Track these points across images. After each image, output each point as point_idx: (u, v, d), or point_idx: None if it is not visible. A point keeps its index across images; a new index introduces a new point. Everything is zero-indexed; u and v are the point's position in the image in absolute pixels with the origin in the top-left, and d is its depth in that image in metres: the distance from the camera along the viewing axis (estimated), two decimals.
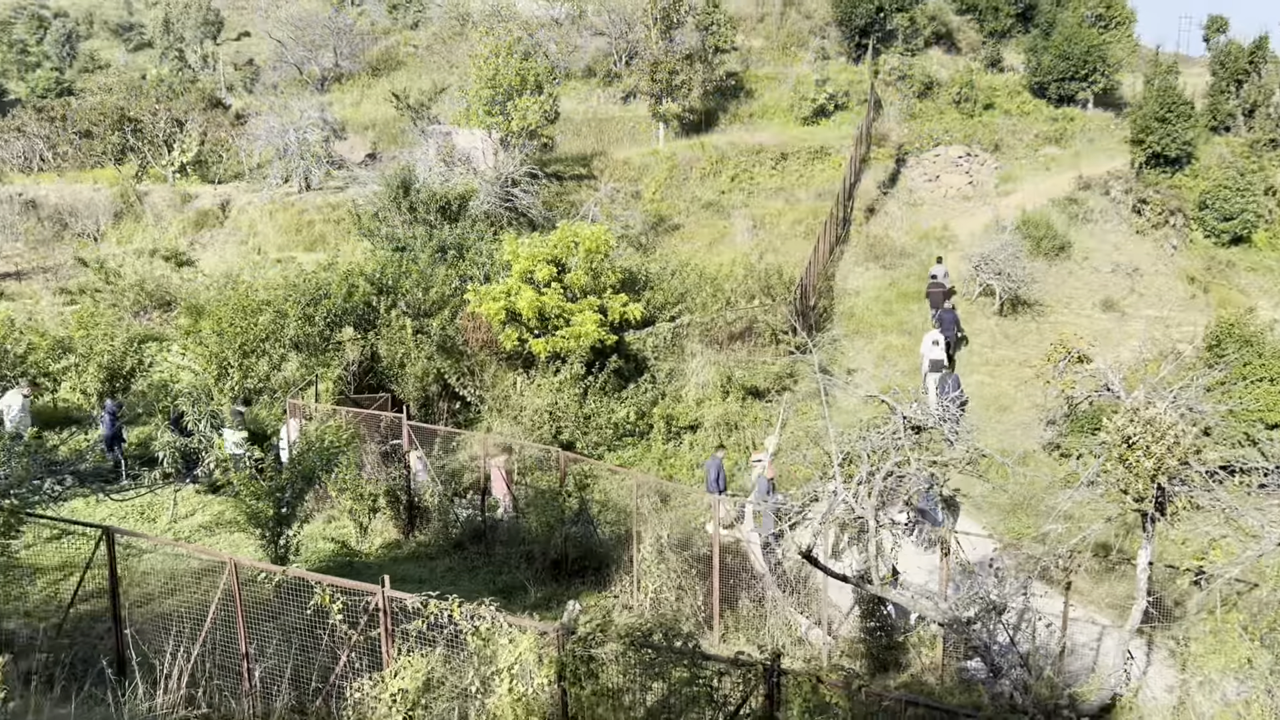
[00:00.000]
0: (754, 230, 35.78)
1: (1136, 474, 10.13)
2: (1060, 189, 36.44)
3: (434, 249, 26.89)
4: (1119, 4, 47.96)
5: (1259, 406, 21.03)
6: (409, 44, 54.03)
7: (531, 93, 34.63)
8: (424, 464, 19.73)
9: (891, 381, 14.92)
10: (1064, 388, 18.31)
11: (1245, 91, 41.33)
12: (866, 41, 47.52)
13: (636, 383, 24.18)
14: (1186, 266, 32.87)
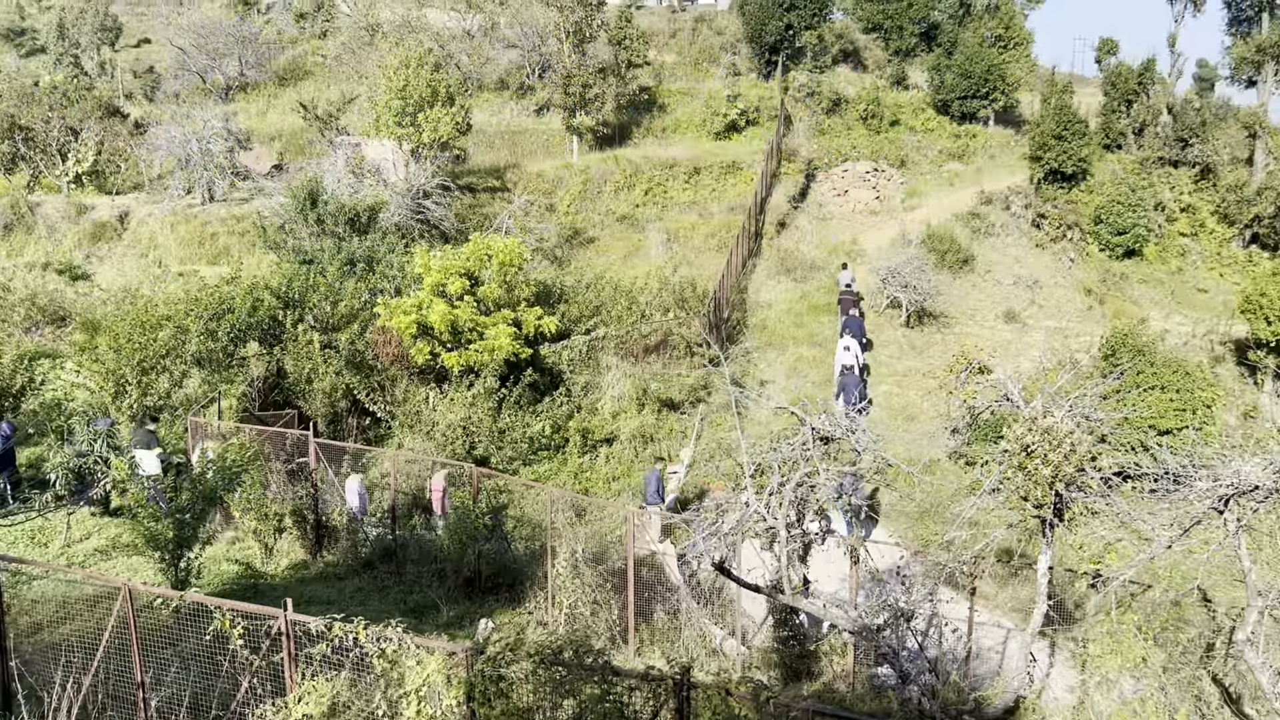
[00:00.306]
0: (668, 244, 36.01)
1: (1035, 481, 10.43)
2: (963, 204, 37.52)
3: (343, 262, 26.39)
4: (1017, 25, 49.67)
5: (1151, 414, 21.91)
6: (317, 53, 53.08)
7: (443, 104, 34.31)
8: (361, 491, 19.25)
9: (802, 393, 15.14)
10: (966, 398, 18.81)
11: (1135, 111, 43.16)
12: (776, 58, 48.32)
13: (552, 396, 24.08)
14: (1083, 279, 34.11)
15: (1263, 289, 27.69)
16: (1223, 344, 30.04)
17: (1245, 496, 10.09)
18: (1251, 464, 10.02)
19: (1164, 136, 41.68)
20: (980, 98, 44.64)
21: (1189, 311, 33.30)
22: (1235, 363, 29.37)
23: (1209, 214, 40.18)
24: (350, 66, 47.32)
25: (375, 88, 36.67)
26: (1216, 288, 36.57)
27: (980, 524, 14.01)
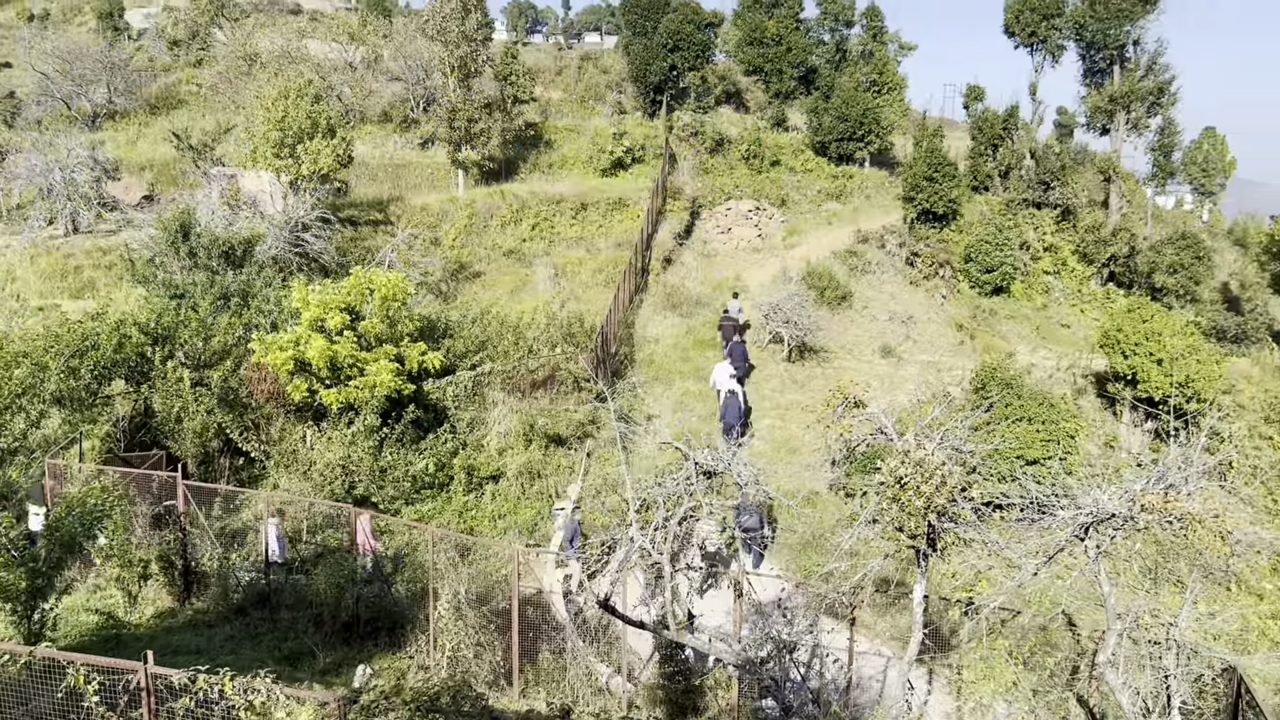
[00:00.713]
0: (555, 278, 36.00)
1: (909, 512, 10.71)
2: (842, 242, 38.66)
3: (216, 296, 25.48)
4: (890, 71, 51.78)
5: (1019, 444, 22.82)
6: (192, 82, 51.54)
7: (324, 136, 33.68)
8: (279, 534, 18.41)
9: (688, 427, 15.24)
10: (842, 432, 19.25)
11: (1001, 155, 45.36)
12: (661, 98, 49.13)
13: (436, 433, 23.63)
14: (955, 315, 35.45)
15: (1119, 325, 29.24)
16: (1084, 377, 31.57)
17: (1103, 524, 10.57)
18: (1109, 493, 10.50)
19: (1028, 179, 43.90)
20: (856, 140, 46.22)
21: (1053, 346, 34.93)
22: (1096, 395, 30.88)
23: (1070, 253, 42.42)
24: (227, 96, 46.09)
25: (253, 118, 35.77)
26: (1078, 323, 38.51)
27: (859, 554, 14.32)
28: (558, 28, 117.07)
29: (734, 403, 25.33)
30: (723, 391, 26.13)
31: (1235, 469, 26.04)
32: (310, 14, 69.20)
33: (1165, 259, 39.79)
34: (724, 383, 26.35)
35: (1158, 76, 44.47)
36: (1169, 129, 49.93)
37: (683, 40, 48.09)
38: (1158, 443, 28.15)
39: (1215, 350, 30.18)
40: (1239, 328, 38.31)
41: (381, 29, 55.45)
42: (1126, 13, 43.11)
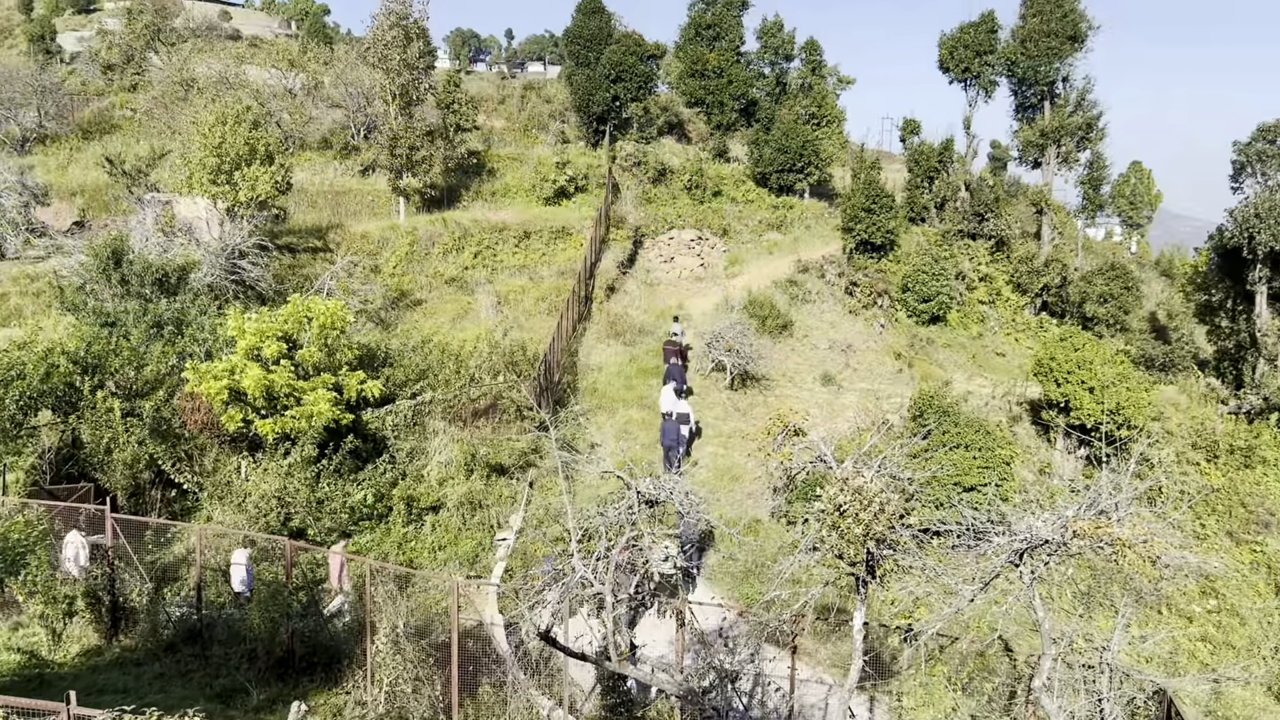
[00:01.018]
0: (498, 307, 35.85)
1: (849, 540, 10.80)
2: (782, 271, 39.08)
3: (149, 324, 24.93)
4: (830, 105, 52.71)
5: (956, 471, 23.15)
6: (126, 107, 50.63)
7: (262, 162, 33.27)
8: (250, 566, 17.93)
9: (631, 455, 15.19)
10: (783, 460, 19.37)
11: (937, 187, 46.34)
12: (604, 128, 49.42)
13: (375, 463, 23.29)
14: (893, 343, 35.96)
15: (1052, 353, 29.88)
16: (1019, 404, 32.15)
17: (1037, 550, 10.74)
18: (1042, 519, 10.68)
19: (963, 211, 44.87)
20: (796, 171, 46.90)
21: (989, 374, 35.55)
22: (1031, 422, 31.46)
23: (1004, 283, 43.33)
24: (162, 122, 45.39)
25: (189, 144, 35.23)
26: (1013, 352, 39.29)
27: (801, 582, 14.36)
28: (501, 57, 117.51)
29: (670, 425, 25.62)
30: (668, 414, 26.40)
31: (1165, 494, 26.67)
32: (250, 40, 68.59)
33: (1096, 289, 40.83)
34: (667, 405, 26.65)
35: (1086, 112, 45.82)
36: (1098, 163, 51.47)
37: (625, 71, 48.50)
38: (1090, 469, 28.75)
39: (1144, 378, 30.96)
40: (1166, 356, 39.39)
41: (322, 56, 55.16)
42: (1055, 50, 44.42)
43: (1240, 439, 31.08)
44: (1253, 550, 28.12)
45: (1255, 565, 27.67)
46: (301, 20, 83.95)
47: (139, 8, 61.18)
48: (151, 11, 61.07)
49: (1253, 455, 30.67)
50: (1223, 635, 23.89)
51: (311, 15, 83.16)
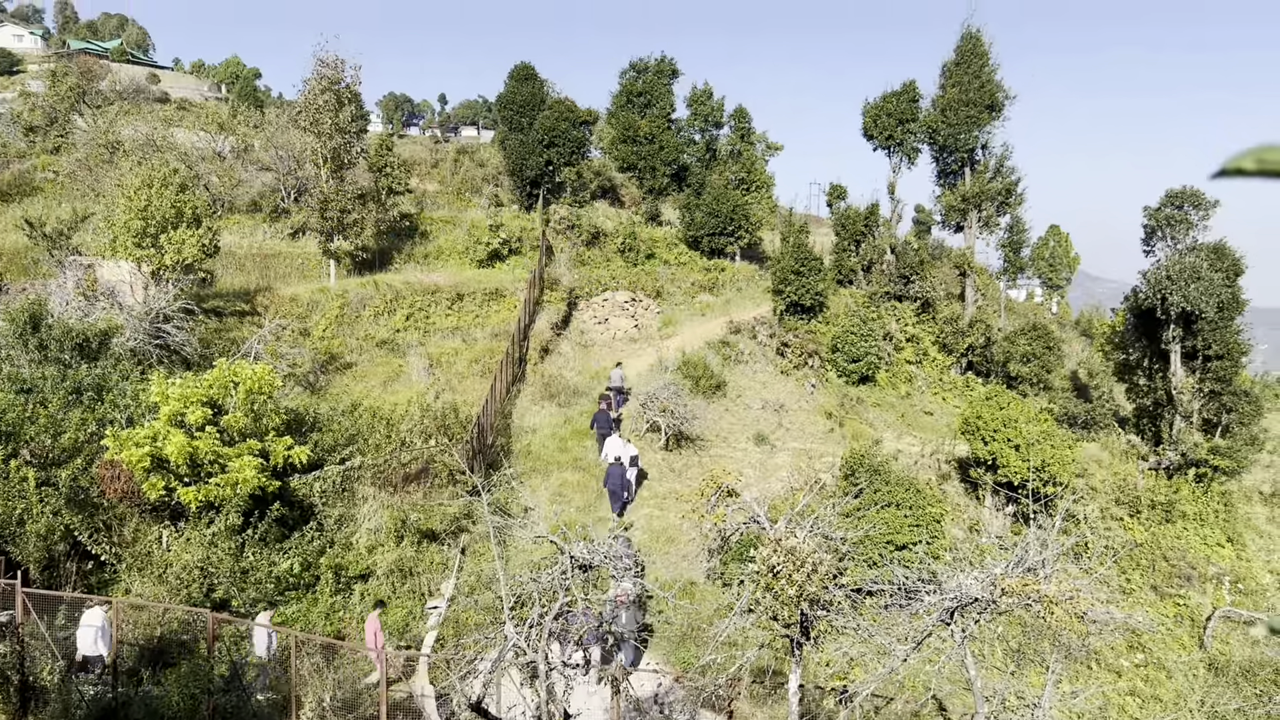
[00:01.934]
0: (430, 369, 35.54)
1: (783, 601, 10.79)
2: (715, 332, 39.46)
3: (68, 391, 24.18)
4: (759, 170, 53.88)
5: (888, 530, 23.37)
6: (49, 169, 49.65)
7: (189, 225, 32.79)
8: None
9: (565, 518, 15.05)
10: (716, 521, 19.37)
11: (864, 250, 47.41)
12: (538, 192, 49.80)
13: (302, 531, 22.72)
14: (824, 403, 36.40)
15: (978, 412, 30.53)
16: (948, 462, 32.71)
17: (968, 608, 10.84)
18: (971, 577, 10.81)
19: (889, 273, 45.93)
20: (727, 235, 47.67)
21: (918, 432, 36.14)
22: (960, 480, 31.99)
23: (931, 343, 44.31)
24: (86, 184, 44.58)
25: (113, 207, 34.61)
26: (940, 410, 40.03)
27: (737, 645, 14.28)
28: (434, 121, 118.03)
29: (616, 469, 26.37)
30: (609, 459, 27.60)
31: (1090, 549, 27.21)
32: (179, 103, 68.03)
33: (1019, 349, 41.93)
34: (611, 453, 27.60)
35: (1005, 178, 47.45)
36: (1017, 227, 53.14)
37: (558, 136, 49.06)
38: (1019, 525, 29.24)
39: (1068, 436, 31.75)
40: (1088, 414, 40.46)
41: (253, 119, 54.85)
42: (974, 119, 46.08)
43: (1161, 494, 31.96)
44: (1176, 604, 28.76)
45: (1179, 619, 28.28)
46: (232, 84, 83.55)
47: (64, 70, 60.37)
48: (77, 74, 60.31)
49: (1173, 510, 31.55)
50: (1150, 689, 24.28)
51: (243, 79, 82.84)
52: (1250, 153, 0.93)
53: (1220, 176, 0.95)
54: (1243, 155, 0.93)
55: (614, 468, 26.62)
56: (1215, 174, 0.96)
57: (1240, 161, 0.93)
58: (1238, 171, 0.94)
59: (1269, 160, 0.91)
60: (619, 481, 26.32)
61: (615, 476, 26.34)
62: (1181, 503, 31.94)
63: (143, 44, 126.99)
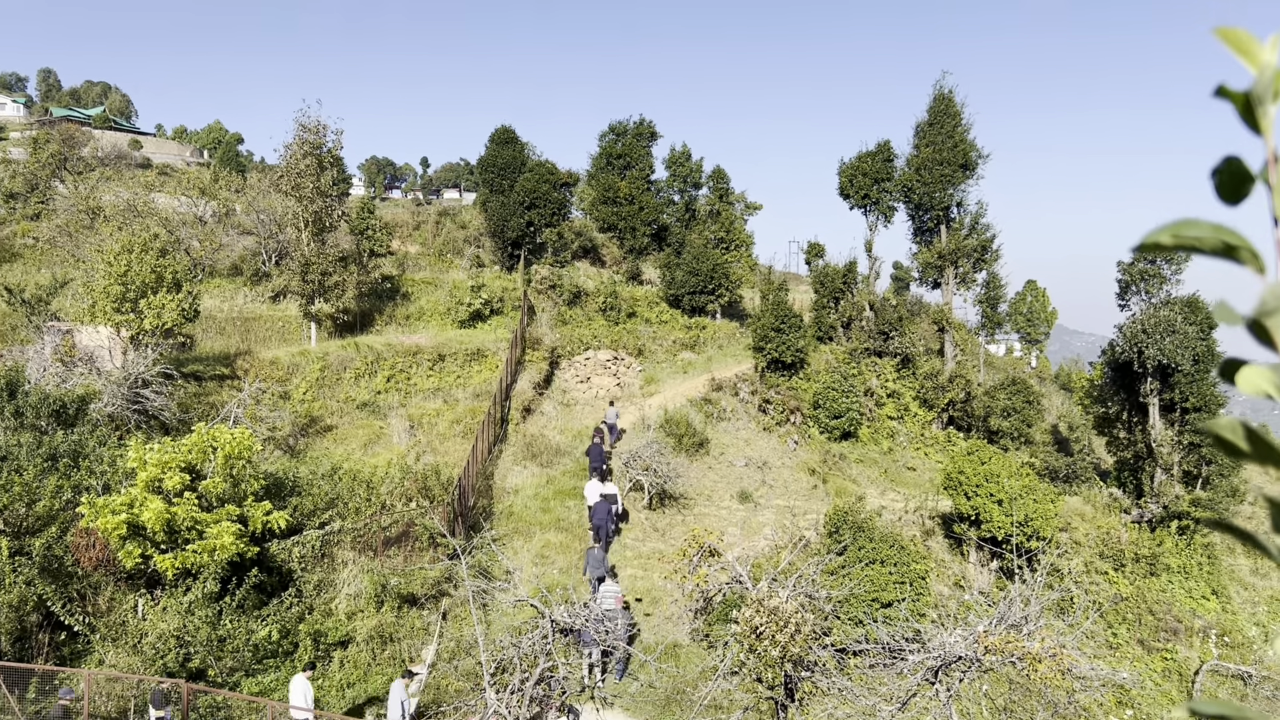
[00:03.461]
0: (411, 430, 35.36)
1: (766, 662, 10.68)
2: (697, 390, 39.52)
3: (43, 458, 23.90)
4: (738, 229, 54.44)
5: (873, 587, 23.23)
6: (28, 235, 49.64)
7: (168, 290, 32.76)
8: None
9: (547, 580, 14.90)
10: (698, 581, 19.22)
11: (843, 307, 47.80)
12: (519, 252, 50.11)
13: (280, 597, 22.37)
14: (807, 459, 36.39)
15: (961, 467, 30.58)
16: (932, 518, 32.65)
17: (952, 667, 10.76)
18: (955, 636, 10.74)
19: (868, 330, 46.27)
20: (708, 293, 48.00)
21: (901, 488, 36.13)
22: (944, 535, 31.92)
23: (911, 399, 44.50)
24: (66, 250, 44.55)
25: (93, 272, 34.57)
26: (923, 466, 40.07)
27: (722, 708, 14.10)
28: (416, 184, 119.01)
29: (601, 505, 27.04)
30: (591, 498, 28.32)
31: (1076, 603, 27.12)
32: (160, 168, 68.41)
33: (999, 403, 42.16)
34: (592, 496, 28.28)
35: (980, 235, 48.12)
36: (994, 283, 53.87)
37: (539, 198, 49.52)
38: (1003, 580, 29.14)
39: (1050, 490, 31.80)
40: (1069, 468, 40.60)
41: (234, 184, 55.14)
42: (948, 178, 46.85)
43: (1144, 547, 31.98)
44: (1164, 658, 28.61)
45: (1167, 673, 28.12)
46: (215, 148, 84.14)
47: (46, 137, 60.68)
48: (59, 141, 60.61)
49: (1157, 563, 31.54)
50: None
51: (225, 144, 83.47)
52: (1167, 228, 0.97)
53: (1140, 250, 0.99)
54: (1160, 230, 0.97)
55: (600, 504, 27.24)
56: (1134, 248, 1.00)
57: (1158, 236, 0.97)
58: (1155, 246, 0.98)
59: (1185, 235, 0.95)
60: (604, 516, 26.99)
61: (601, 512, 26.99)
62: (1165, 555, 31.96)
63: (126, 110, 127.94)
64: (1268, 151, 0.91)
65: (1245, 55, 0.91)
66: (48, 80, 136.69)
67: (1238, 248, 0.91)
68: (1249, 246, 0.91)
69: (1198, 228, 0.92)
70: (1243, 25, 0.96)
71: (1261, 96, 0.88)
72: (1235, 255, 0.91)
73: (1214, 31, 0.92)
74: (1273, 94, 0.89)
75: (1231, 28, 0.92)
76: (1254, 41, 0.91)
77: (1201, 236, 0.91)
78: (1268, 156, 0.91)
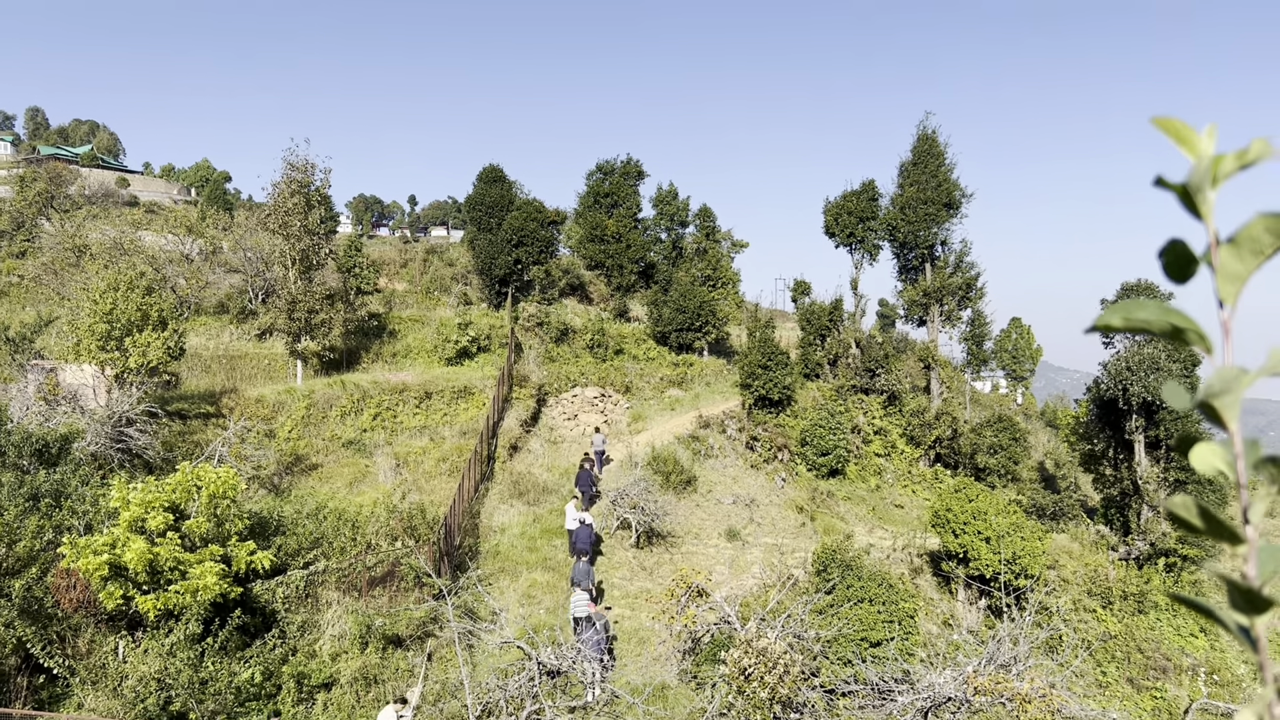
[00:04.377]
0: (397, 469, 35.20)
1: (755, 704, 10.62)
2: (684, 427, 39.51)
3: (24, 498, 23.67)
4: (725, 267, 54.75)
5: (862, 627, 23.12)
6: (14, 273, 49.53)
7: (154, 328, 32.68)
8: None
9: (534, 621, 14.80)
10: (686, 622, 19.10)
11: (829, 344, 48.00)
12: (506, 290, 50.22)
13: (264, 638, 22.13)
14: (795, 497, 36.35)
15: (948, 505, 30.58)
16: (920, 556, 32.60)
17: (941, 708, 10.71)
18: (944, 676, 10.71)
19: (855, 367, 46.44)
20: (695, 330, 48.16)
21: (889, 526, 36.09)
22: (932, 573, 31.86)
23: (898, 436, 44.58)
24: (52, 288, 44.45)
25: (78, 310, 34.49)
26: (910, 503, 40.06)
27: None
28: (404, 222, 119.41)
29: (583, 531, 27.33)
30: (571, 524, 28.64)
31: (1065, 642, 27.05)
32: (147, 206, 68.47)
33: (986, 440, 42.27)
34: (571, 524, 28.61)
35: (965, 273, 48.51)
36: (979, 320, 54.18)
37: (527, 236, 49.73)
38: (992, 618, 29.06)
39: (1037, 527, 31.80)
40: (1056, 505, 40.64)
41: (221, 222, 55.23)
42: (933, 217, 47.30)
43: (1132, 585, 31.97)
44: (1153, 697, 28.52)
45: (1157, 712, 28.01)
46: (202, 187, 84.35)
47: (33, 176, 60.73)
48: (46, 179, 60.65)
49: (1145, 600, 31.52)
50: None
51: (213, 182, 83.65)
52: (1118, 310, 1.01)
53: (1092, 331, 1.03)
54: (1111, 313, 1.01)
55: (581, 529, 27.63)
56: (1088, 329, 1.04)
57: (1109, 319, 1.01)
58: (1107, 328, 1.02)
59: (1134, 318, 0.99)
60: (585, 541, 27.37)
61: (583, 538, 27.39)
62: (1153, 593, 31.94)
63: (113, 149, 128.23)
64: (1209, 236, 0.95)
65: (1183, 144, 0.96)
66: (35, 119, 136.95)
67: (1185, 330, 0.95)
68: (1196, 329, 0.95)
69: (1146, 310, 0.96)
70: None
71: (1200, 185, 0.93)
72: (1183, 337, 0.95)
73: (1152, 121, 0.97)
74: (1211, 181, 0.94)
75: (1169, 118, 0.96)
76: (1191, 131, 0.96)
77: (1150, 319, 0.95)
78: (1209, 241, 0.95)
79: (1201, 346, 0.97)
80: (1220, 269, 0.94)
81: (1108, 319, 0.98)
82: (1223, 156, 0.93)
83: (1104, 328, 1.01)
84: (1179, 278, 1.00)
